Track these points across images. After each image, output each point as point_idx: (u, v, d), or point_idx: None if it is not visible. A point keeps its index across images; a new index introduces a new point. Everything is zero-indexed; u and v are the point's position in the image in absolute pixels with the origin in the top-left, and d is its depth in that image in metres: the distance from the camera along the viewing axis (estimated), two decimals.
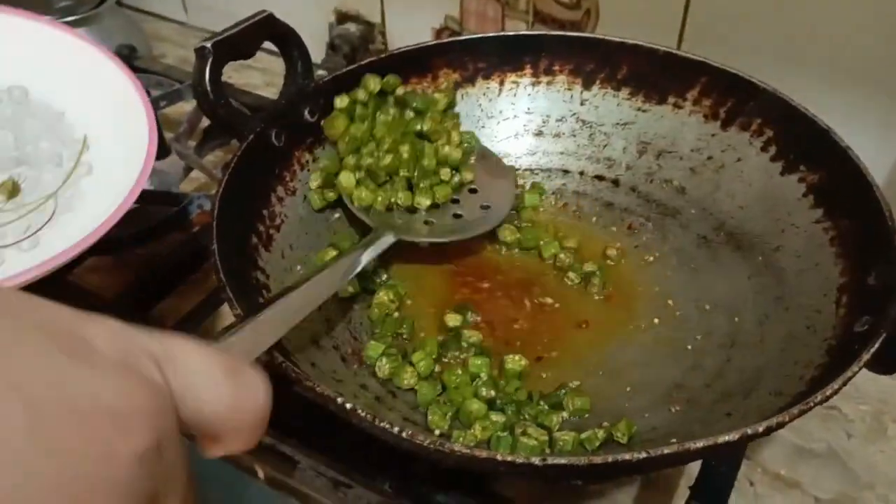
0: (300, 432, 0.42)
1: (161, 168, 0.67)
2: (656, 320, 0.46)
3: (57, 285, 0.53)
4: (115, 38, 0.79)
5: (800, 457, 0.51)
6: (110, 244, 0.55)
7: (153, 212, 0.58)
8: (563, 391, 0.41)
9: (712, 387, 0.41)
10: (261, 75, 0.81)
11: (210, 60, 0.43)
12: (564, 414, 0.40)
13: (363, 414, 0.31)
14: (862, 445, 0.51)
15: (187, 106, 0.69)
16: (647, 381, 0.43)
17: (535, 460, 0.29)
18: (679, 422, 0.39)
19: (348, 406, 0.31)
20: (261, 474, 0.42)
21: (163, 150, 0.71)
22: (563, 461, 0.29)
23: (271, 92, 0.76)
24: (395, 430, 0.30)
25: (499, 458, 0.29)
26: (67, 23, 0.77)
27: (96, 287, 0.55)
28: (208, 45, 0.43)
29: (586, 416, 0.41)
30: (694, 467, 0.43)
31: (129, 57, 0.75)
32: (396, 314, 0.46)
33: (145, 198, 0.59)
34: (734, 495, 0.48)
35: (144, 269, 0.55)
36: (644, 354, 0.45)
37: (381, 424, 0.30)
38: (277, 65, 0.51)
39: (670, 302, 0.47)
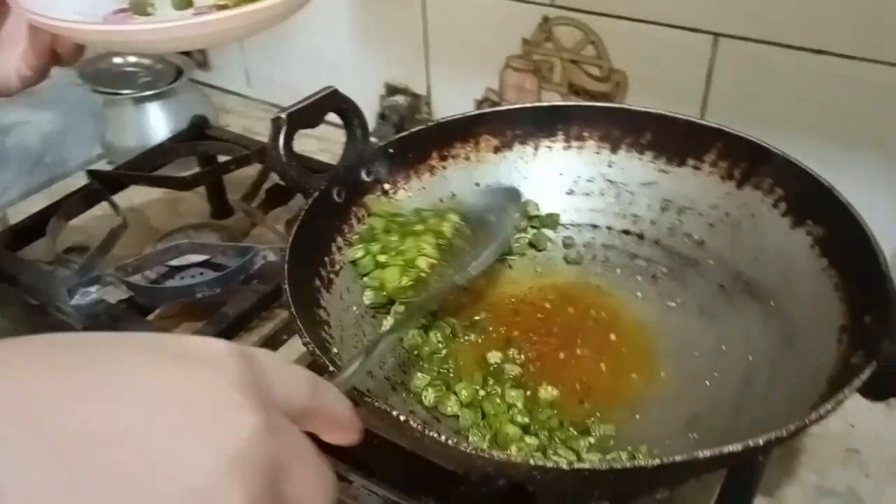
0: (353, 458, 0.47)
1: (228, 224, 0.74)
2: (678, 360, 0.51)
3: (140, 324, 0.60)
4: (188, 109, 0.87)
5: (822, 497, 0.54)
6: (186, 290, 0.62)
7: (223, 262, 0.65)
8: (591, 419, 0.46)
9: (728, 418, 0.45)
10: (316, 142, 0.89)
11: (284, 129, 0.50)
12: (591, 439, 0.45)
13: (415, 425, 0.36)
14: (881, 488, 0.54)
15: (251, 170, 0.77)
16: (668, 414, 0.47)
17: (563, 465, 0.33)
18: (696, 447, 0.43)
19: (402, 418, 0.36)
20: None
21: (227, 209, 0.79)
22: (587, 466, 0.33)
23: (325, 157, 0.83)
24: (443, 438, 0.35)
25: (531, 462, 0.34)
26: (147, 97, 0.86)
27: (176, 327, 0.61)
28: (283, 115, 0.50)
29: (611, 442, 0.45)
30: None
31: (201, 126, 0.83)
32: (444, 352, 0.51)
33: (216, 249, 0.66)
34: None
35: (217, 312, 0.61)
36: (665, 391, 0.49)
37: (431, 434, 0.35)
38: (329, 132, 0.57)
39: (690, 345, 0.52)
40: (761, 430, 0.35)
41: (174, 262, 0.65)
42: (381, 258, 0.53)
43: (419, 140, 0.58)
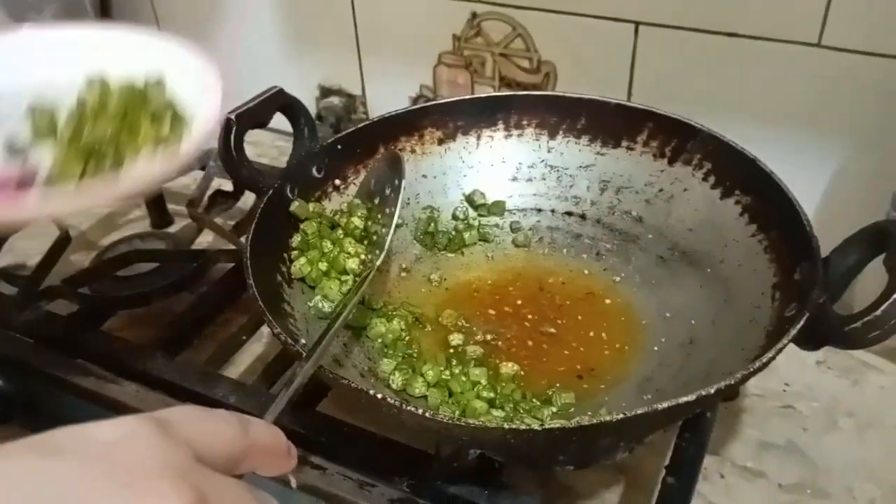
0: (326, 447, 0.48)
1: (172, 232, 0.74)
2: (625, 329, 0.54)
3: (95, 335, 0.60)
4: None
5: (763, 450, 0.57)
6: (139, 298, 0.61)
7: (175, 268, 0.65)
8: (551, 390, 0.48)
9: (677, 378, 0.48)
10: (252, 147, 0.89)
11: (234, 129, 0.51)
12: (553, 408, 0.47)
13: (392, 402, 0.37)
14: (816, 437, 0.58)
15: (188, 178, 0.76)
16: (621, 379, 0.50)
17: (535, 426, 0.36)
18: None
19: (379, 396, 0.38)
20: (293, 483, 0.48)
21: (168, 218, 0.78)
22: (557, 425, 0.36)
23: (266, 160, 0.84)
24: (420, 411, 0.37)
25: (506, 426, 0.36)
26: None
27: (130, 336, 0.61)
28: (232, 116, 0.51)
29: (572, 409, 0.47)
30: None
31: None
32: (407, 338, 0.53)
33: (166, 256, 0.66)
34: (707, 486, 0.55)
35: (170, 319, 0.61)
36: (617, 358, 0.52)
37: (408, 408, 0.37)
38: (263, 136, 0.57)
39: (637, 314, 0.55)
40: (709, 384, 0.38)
41: (123, 273, 0.65)
42: (323, 266, 0.54)
43: (365, 135, 0.60)
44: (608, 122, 0.60)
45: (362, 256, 0.54)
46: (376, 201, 0.57)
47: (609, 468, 0.55)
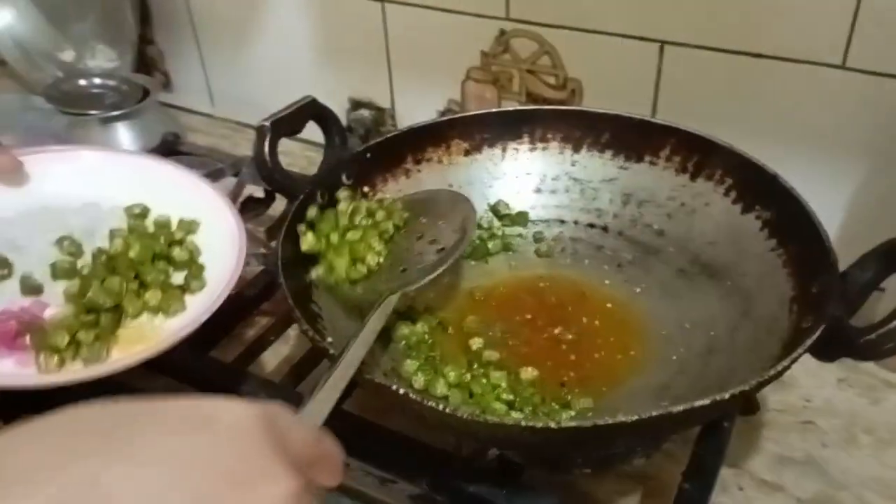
0: (350, 444, 0.50)
1: None
2: (645, 340, 0.55)
3: None
4: (155, 128, 0.89)
5: (782, 464, 0.58)
6: None
7: None
8: (570, 395, 0.49)
9: (694, 386, 0.49)
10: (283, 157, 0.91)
11: (269, 136, 0.53)
12: (571, 412, 0.48)
13: (414, 397, 0.39)
14: (836, 453, 0.59)
15: (224, 184, 0.79)
16: (639, 385, 0.51)
17: (552, 424, 0.37)
18: None
19: (402, 391, 0.39)
20: None
21: None
22: (573, 424, 0.37)
23: (295, 169, 0.86)
24: (440, 406, 0.38)
25: (523, 423, 0.37)
26: (115, 116, 0.88)
27: None
28: (267, 123, 0.53)
29: (590, 413, 0.48)
30: None
31: (174, 143, 0.85)
32: (430, 341, 0.54)
33: None
34: (726, 498, 0.56)
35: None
36: (636, 367, 0.53)
37: (429, 404, 0.38)
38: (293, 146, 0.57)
39: (656, 324, 0.56)
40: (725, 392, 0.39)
41: None
42: (334, 238, 0.54)
43: (394, 145, 0.61)
44: (631, 138, 0.62)
45: (380, 259, 0.55)
46: (422, 220, 0.58)
47: (628, 477, 0.56)
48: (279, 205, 0.71)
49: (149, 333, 0.49)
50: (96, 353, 0.47)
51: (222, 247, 0.52)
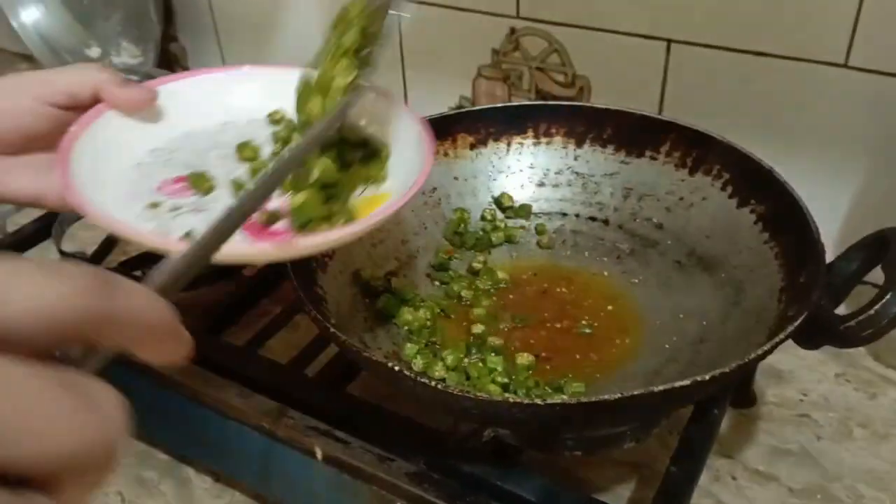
0: (352, 424, 0.52)
1: None
2: (641, 328, 0.56)
3: None
4: None
5: (777, 456, 0.59)
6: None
7: None
8: (563, 380, 0.51)
9: (684, 373, 0.50)
10: None
11: None
12: (564, 396, 0.50)
13: (408, 374, 0.41)
14: (830, 446, 0.60)
15: None
16: (631, 372, 0.52)
17: (539, 401, 0.39)
18: None
19: (396, 368, 0.41)
20: (319, 454, 0.52)
21: None
22: (559, 401, 0.39)
23: None
24: (433, 383, 0.40)
25: (511, 400, 0.39)
26: None
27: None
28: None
29: (582, 398, 0.50)
30: None
31: None
32: (431, 327, 0.56)
33: None
34: (719, 486, 0.57)
35: (210, 304, 0.66)
36: (630, 355, 0.54)
37: (422, 381, 0.40)
38: None
39: (652, 314, 0.57)
40: None
41: None
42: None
43: None
44: (633, 133, 0.63)
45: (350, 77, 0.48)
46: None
47: (623, 464, 0.57)
48: None
49: (371, 202, 0.47)
50: (347, 214, 0.46)
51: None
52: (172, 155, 0.51)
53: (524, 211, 0.66)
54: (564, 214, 0.65)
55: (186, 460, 0.62)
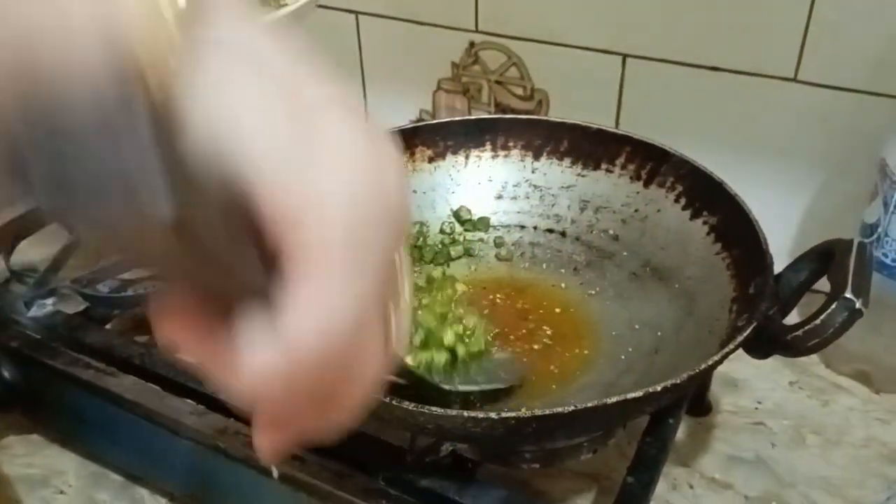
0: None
1: None
2: (597, 339, 0.57)
3: (97, 332, 0.63)
4: None
5: (732, 463, 0.60)
6: (142, 299, 0.65)
7: None
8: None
9: (639, 383, 0.51)
10: None
11: None
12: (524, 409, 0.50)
13: None
14: (784, 453, 0.61)
15: None
16: (588, 383, 0.53)
17: (493, 414, 0.39)
18: None
19: None
20: (275, 473, 0.51)
21: None
22: (513, 414, 0.39)
23: None
24: (386, 398, 0.40)
25: (465, 414, 0.39)
26: None
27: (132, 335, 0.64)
28: None
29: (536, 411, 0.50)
30: None
31: None
32: None
33: None
34: (676, 496, 0.57)
35: None
36: (587, 367, 0.55)
37: (376, 395, 0.40)
38: None
39: (608, 325, 0.58)
40: None
41: (127, 276, 0.68)
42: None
43: None
44: (589, 146, 0.64)
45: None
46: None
47: (582, 475, 0.58)
48: None
49: None
50: None
51: None
52: None
53: (483, 224, 0.66)
54: (523, 227, 0.66)
55: (140, 481, 0.60)
